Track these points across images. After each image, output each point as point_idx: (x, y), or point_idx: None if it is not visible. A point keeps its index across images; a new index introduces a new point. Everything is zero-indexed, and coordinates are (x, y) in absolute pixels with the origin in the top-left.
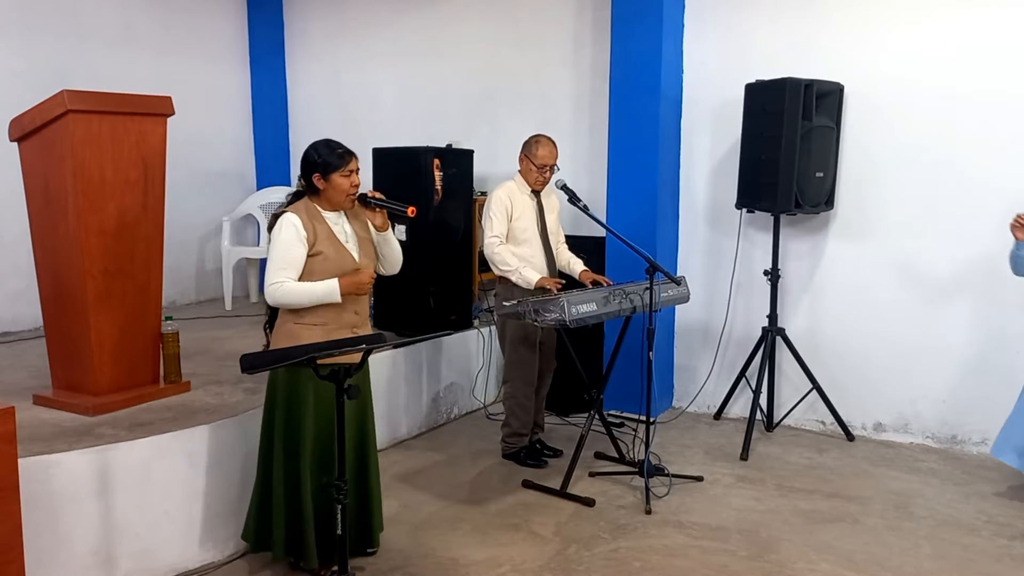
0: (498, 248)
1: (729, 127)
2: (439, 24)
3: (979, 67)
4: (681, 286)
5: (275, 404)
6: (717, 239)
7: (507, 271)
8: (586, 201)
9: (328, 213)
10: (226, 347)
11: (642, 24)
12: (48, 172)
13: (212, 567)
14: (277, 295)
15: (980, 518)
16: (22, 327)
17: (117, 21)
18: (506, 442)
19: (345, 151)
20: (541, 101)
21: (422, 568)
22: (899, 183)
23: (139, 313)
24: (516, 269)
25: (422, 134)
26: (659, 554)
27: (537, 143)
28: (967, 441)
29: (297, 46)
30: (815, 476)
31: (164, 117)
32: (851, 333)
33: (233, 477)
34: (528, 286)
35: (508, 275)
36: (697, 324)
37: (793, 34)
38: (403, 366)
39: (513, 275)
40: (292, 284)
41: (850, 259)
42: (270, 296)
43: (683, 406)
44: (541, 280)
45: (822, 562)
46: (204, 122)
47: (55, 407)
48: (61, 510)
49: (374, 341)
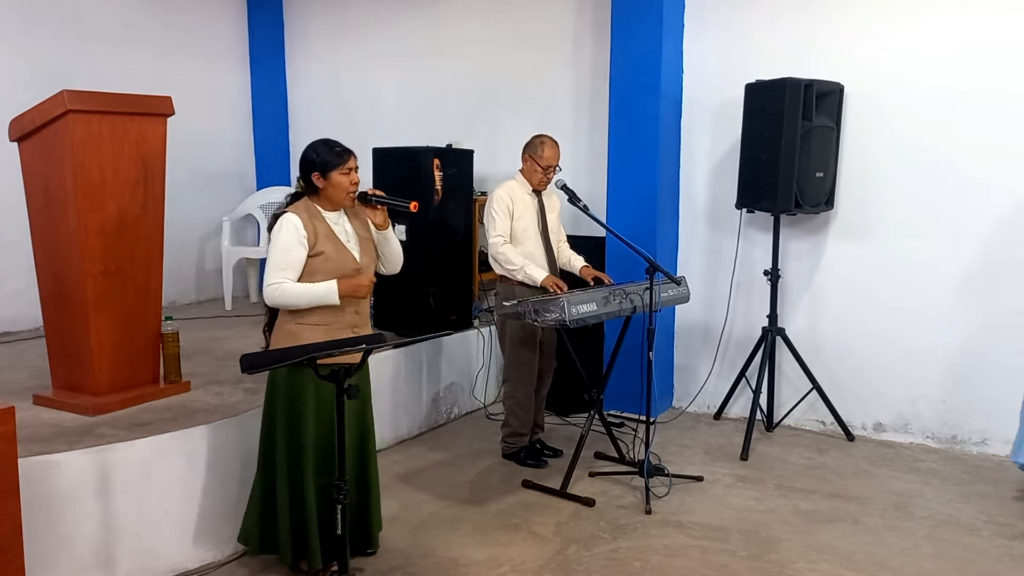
0: (503, 247)
1: (729, 127)
2: (439, 24)
3: (979, 67)
4: (681, 286)
5: (276, 405)
6: (717, 239)
7: (512, 270)
8: (586, 201)
9: (328, 213)
10: (226, 347)
11: (642, 24)
12: (48, 172)
13: (212, 567)
14: (275, 296)
15: (980, 518)
16: (22, 327)
17: (117, 21)
18: (506, 442)
19: (343, 149)
20: (541, 101)
21: (422, 568)
22: (899, 183)
23: (139, 313)
24: (521, 267)
25: (422, 134)
26: (659, 554)
27: (542, 144)
28: (967, 441)
29: (297, 46)
30: (815, 476)
31: (164, 117)
32: (851, 333)
33: (233, 477)
34: (534, 284)
35: (514, 274)
36: (697, 324)
37: (793, 34)
38: (403, 366)
39: (519, 273)
40: (290, 285)
41: (850, 259)
42: (268, 297)
43: (683, 406)
44: (547, 278)
45: (822, 562)
46: (204, 122)
47: (55, 407)
48: (61, 510)
49: (374, 341)
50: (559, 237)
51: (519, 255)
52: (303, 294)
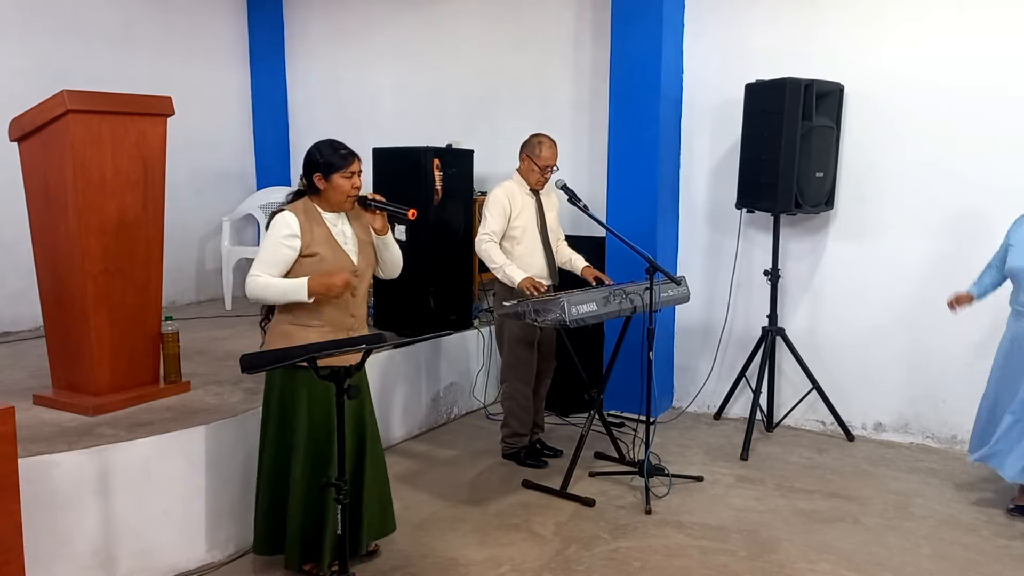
0: (487, 244)
1: (729, 127)
2: (439, 24)
3: (979, 67)
4: (681, 286)
5: (270, 406)
6: (717, 239)
7: (493, 268)
8: (586, 201)
9: (327, 214)
10: (226, 347)
11: (642, 24)
12: (48, 172)
13: (212, 567)
14: (251, 287)
15: (980, 518)
16: (22, 327)
17: (117, 21)
18: (506, 442)
19: (348, 152)
20: (541, 101)
21: (422, 568)
22: (899, 183)
23: (139, 313)
24: (501, 267)
25: (422, 134)
26: (659, 554)
27: (540, 144)
28: (967, 441)
29: (297, 46)
30: (815, 476)
31: (164, 117)
32: (851, 333)
33: (233, 477)
34: (512, 284)
35: (495, 272)
36: (697, 324)
37: (793, 34)
38: (403, 366)
39: (499, 272)
40: (265, 278)
41: (850, 259)
42: (247, 288)
43: (683, 406)
44: (525, 280)
45: (822, 562)
46: (204, 122)
47: (55, 407)
48: (61, 510)
49: (374, 341)
50: (557, 236)
51: (501, 254)
52: (273, 287)
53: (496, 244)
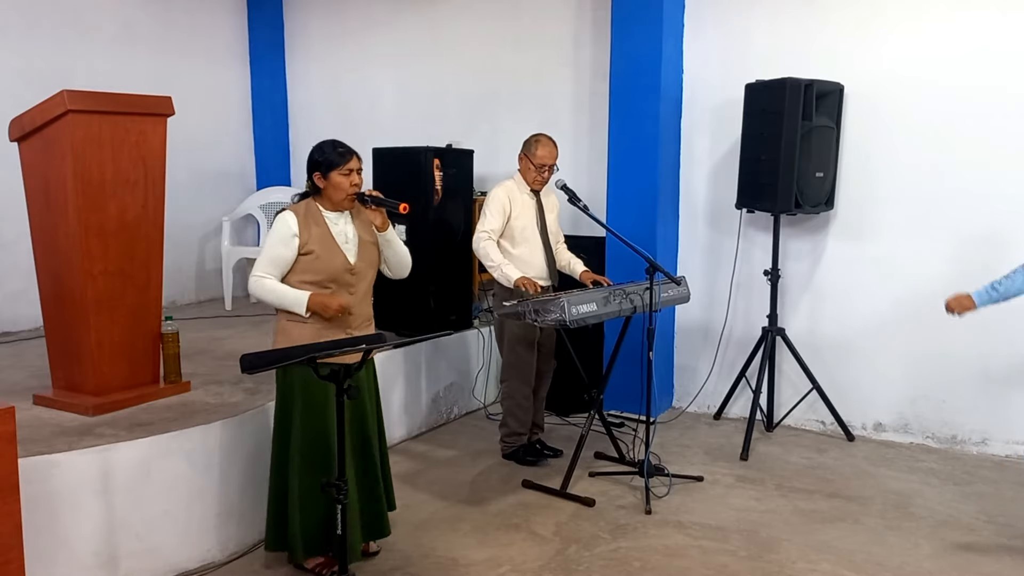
0: (485, 242)
1: (729, 127)
2: (439, 24)
3: (979, 67)
4: (681, 286)
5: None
6: (717, 239)
7: (490, 267)
8: (586, 201)
9: (329, 214)
10: (226, 347)
11: (642, 24)
12: (48, 172)
13: (212, 567)
14: (253, 287)
15: (980, 518)
16: (22, 327)
17: (117, 21)
18: (505, 442)
19: (347, 150)
20: (541, 101)
21: (422, 568)
22: (899, 183)
23: (139, 313)
24: (498, 265)
25: (422, 134)
26: (659, 554)
27: (537, 143)
28: (967, 441)
29: (297, 46)
30: (815, 476)
31: (164, 117)
32: (851, 333)
33: (233, 477)
34: (508, 284)
35: (491, 271)
36: (697, 324)
37: (793, 34)
38: (403, 366)
39: (495, 271)
40: (270, 281)
41: (850, 259)
42: (249, 288)
43: (683, 406)
44: (520, 279)
45: (822, 562)
46: (204, 122)
47: (55, 407)
48: (61, 510)
49: (374, 341)
50: (557, 238)
51: (499, 253)
52: (274, 293)
53: (494, 242)
